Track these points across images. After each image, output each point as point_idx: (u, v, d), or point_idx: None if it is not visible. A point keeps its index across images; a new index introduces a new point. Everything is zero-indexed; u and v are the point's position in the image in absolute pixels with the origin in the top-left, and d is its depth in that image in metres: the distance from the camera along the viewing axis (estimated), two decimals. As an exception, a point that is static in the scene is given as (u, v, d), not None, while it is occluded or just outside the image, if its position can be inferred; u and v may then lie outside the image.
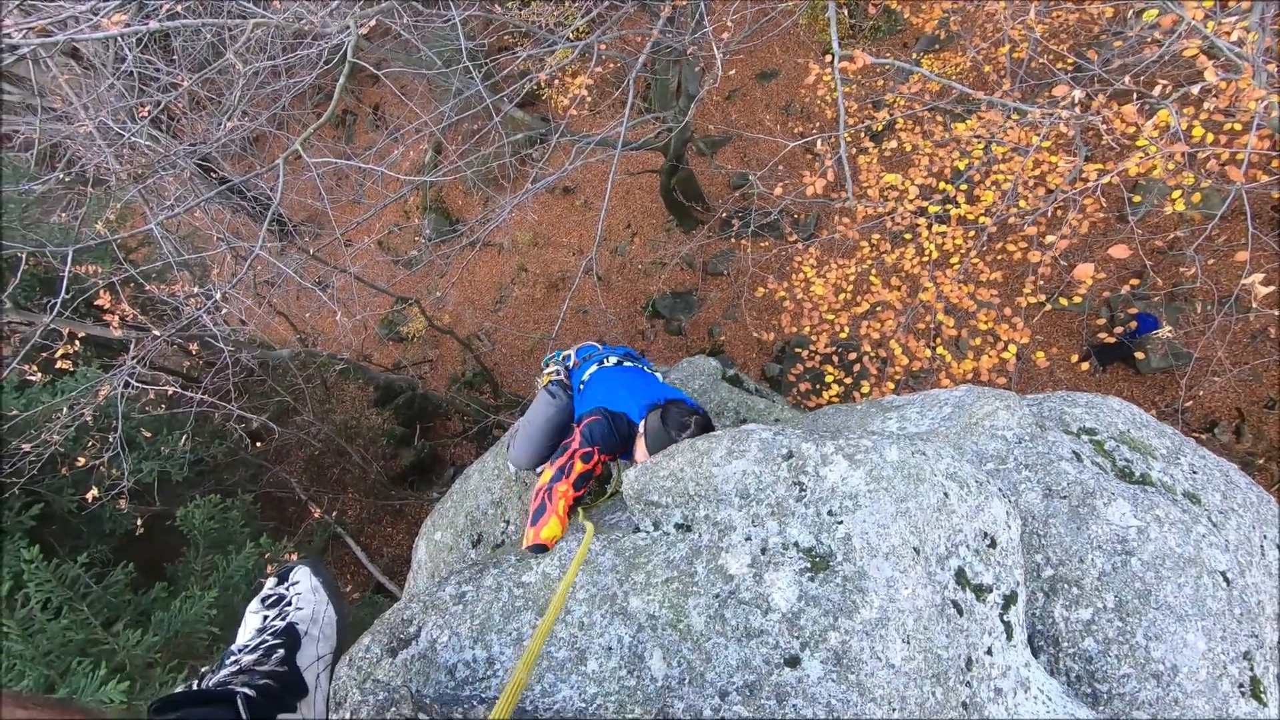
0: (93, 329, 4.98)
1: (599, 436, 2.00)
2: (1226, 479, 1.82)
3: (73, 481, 5.38)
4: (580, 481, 1.88)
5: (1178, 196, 4.79)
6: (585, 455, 1.95)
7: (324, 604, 1.11)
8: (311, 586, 1.13)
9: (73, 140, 5.93)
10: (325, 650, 1.05)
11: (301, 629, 1.03)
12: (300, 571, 1.18)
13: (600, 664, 1.23)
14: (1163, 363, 8.02)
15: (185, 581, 5.32)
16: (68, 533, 5.87)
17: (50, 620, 4.30)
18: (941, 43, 10.26)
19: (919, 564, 1.14)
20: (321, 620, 1.08)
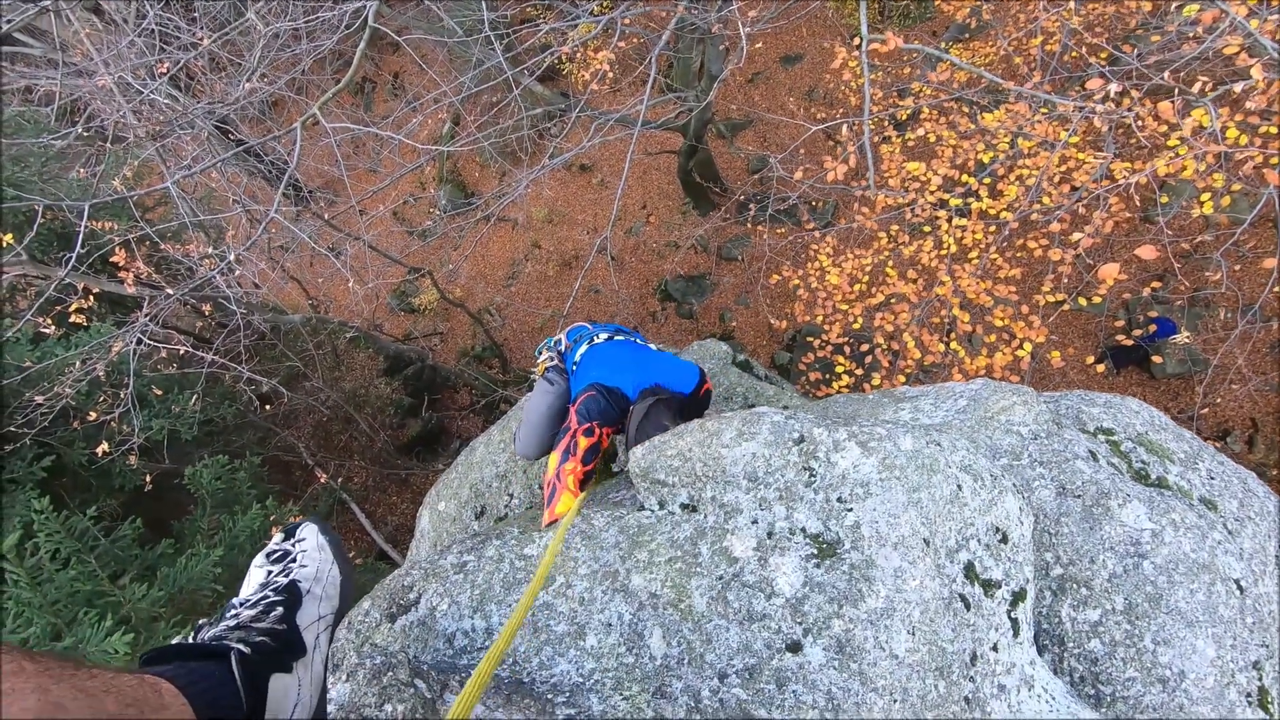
0: (107, 285, 4.99)
1: (595, 412, 1.98)
2: (1244, 486, 1.78)
3: (84, 435, 5.44)
4: (589, 455, 1.87)
5: (1207, 199, 4.69)
6: (587, 431, 1.94)
7: (329, 563, 1.10)
8: (318, 544, 1.12)
9: (93, 96, 5.92)
10: (327, 610, 1.03)
11: (304, 587, 1.02)
12: (307, 529, 1.16)
13: (599, 640, 1.22)
14: (1179, 368, 7.92)
15: (192, 539, 5.39)
16: (78, 485, 5.95)
17: (59, 570, 4.37)
18: (972, 31, 10.06)
19: (928, 556, 1.12)
20: (325, 579, 1.06)
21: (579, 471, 1.84)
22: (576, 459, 1.85)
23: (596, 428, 1.96)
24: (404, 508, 9.97)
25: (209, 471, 5.51)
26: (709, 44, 8.05)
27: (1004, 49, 7.84)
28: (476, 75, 7.51)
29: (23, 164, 6.17)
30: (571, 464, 1.84)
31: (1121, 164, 4.67)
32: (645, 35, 7.93)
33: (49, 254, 5.95)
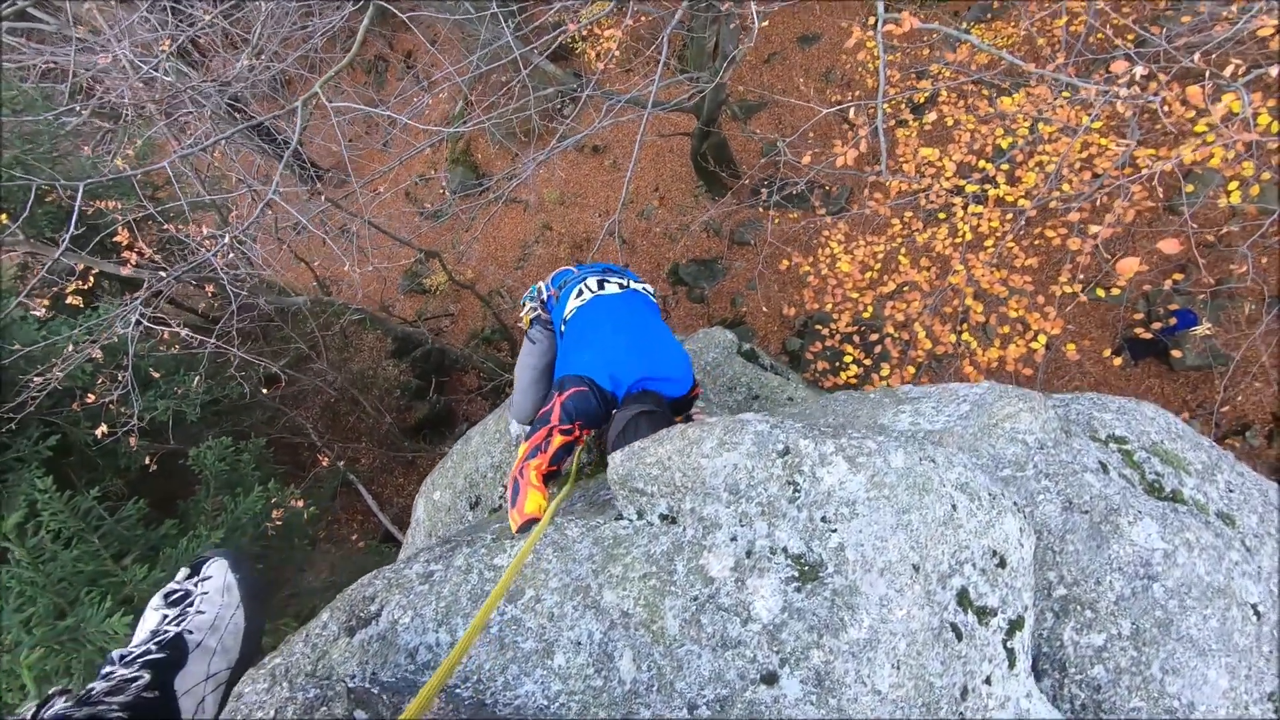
0: (105, 266, 4.97)
1: (581, 413, 1.87)
2: (1265, 500, 1.68)
3: (87, 416, 5.45)
4: (560, 455, 1.78)
5: (1234, 188, 4.51)
6: (565, 430, 1.84)
7: (233, 608, 0.99)
8: (225, 585, 1.01)
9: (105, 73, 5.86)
10: (220, 666, 0.93)
11: (195, 639, 0.91)
12: (215, 565, 1.05)
13: (568, 659, 1.15)
14: (1198, 360, 7.72)
15: (195, 520, 5.41)
16: (85, 464, 5.97)
17: (62, 550, 4.38)
18: (994, 12, 9.76)
19: (917, 582, 1.04)
20: (225, 628, 0.96)
21: (543, 470, 1.75)
22: (545, 456, 1.76)
23: (578, 428, 1.86)
24: (410, 490, 9.99)
25: (213, 453, 5.51)
26: (723, 24, 7.85)
27: (1027, 29, 7.60)
28: (486, 54, 7.38)
29: (34, 142, 6.14)
30: (539, 460, 1.76)
31: (1145, 151, 4.50)
32: (658, 14, 7.75)
33: (57, 234, 5.94)
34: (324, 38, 8.23)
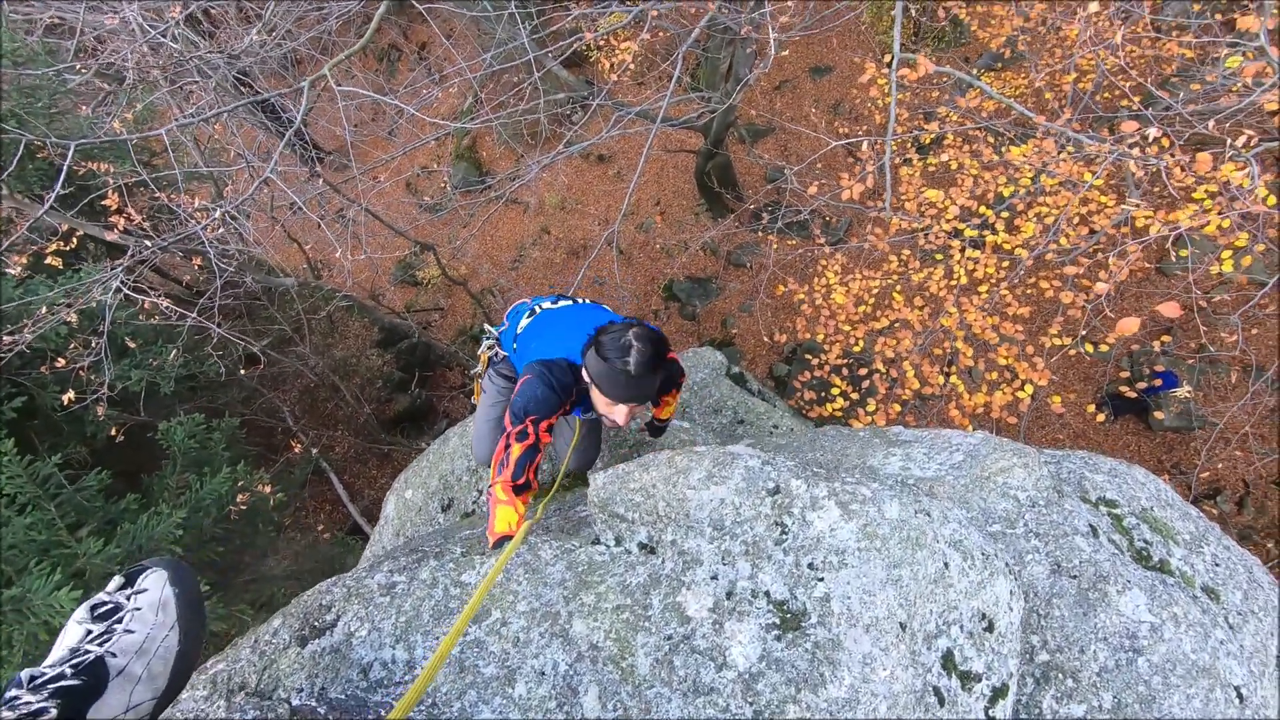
0: (91, 228, 4.85)
1: (531, 404, 1.80)
2: (1250, 576, 1.66)
3: (57, 380, 5.31)
4: (523, 461, 1.72)
5: (1227, 257, 4.56)
6: (520, 434, 1.78)
7: (167, 628, 0.86)
8: (160, 601, 0.88)
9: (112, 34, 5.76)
10: (144, 696, 0.80)
11: (117, 664, 0.79)
12: (153, 576, 0.91)
13: (529, 689, 1.09)
14: (1177, 422, 7.80)
15: (158, 496, 5.26)
16: (49, 429, 5.81)
17: (15, 515, 4.24)
18: (1005, 62, 9.88)
19: (903, 642, 0.99)
20: (155, 652, 0.83)
21: (508, 484, 1.70)
22: (508, 469, 1.71)
23: (531, 426, 1.78)
24: (383, 482, 9.85)
25: (183, 429, 5.38)
26: (739, 46, 7.89)
27: (1036, 82, 7.70)
28: (500, 53, 7.35)
29: (33, 97, 6.02)
30: (503, 476, 1.71)
31: (1141, 212, 4.54)
32: (675, 31, 7.78)
33: (45, 192, 5.81)
34: (339, 21, 8.18)
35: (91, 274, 4.90)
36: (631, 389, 1.69)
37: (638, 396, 1.72)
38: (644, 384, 1.69)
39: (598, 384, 1.74)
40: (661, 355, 1.72)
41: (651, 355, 1.68)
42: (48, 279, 5.25)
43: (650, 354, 1.68)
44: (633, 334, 1.69)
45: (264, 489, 5.52)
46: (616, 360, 1.67)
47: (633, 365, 1.65)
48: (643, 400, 1.75)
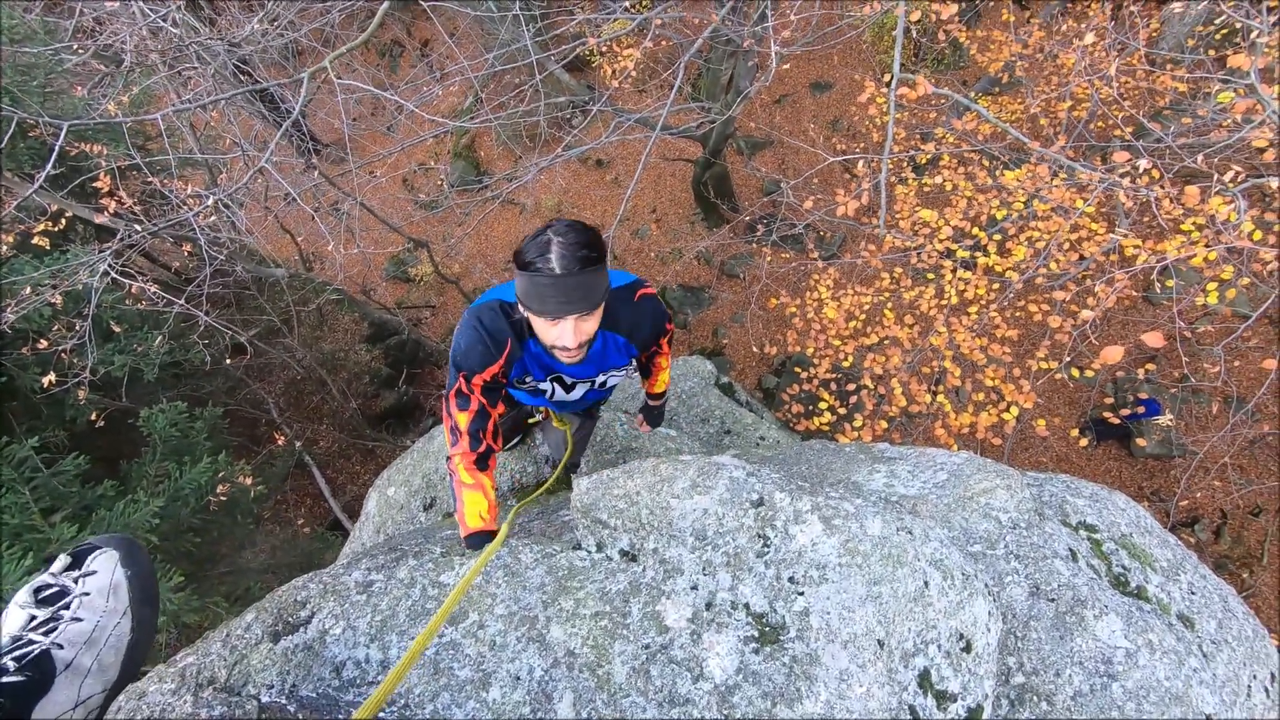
0: (80, 209, 4.80)
1: (459, 356, 1.57)
2: (1225, 605, 1.67)
3: (38, 361, 5.24)
4: (475, 429, 1.57)
5: (1213, 289, 4.63)
6: (459, 399, 1.58)
7: (118, 615, 0.81)
8: (110, 584, 0.82)
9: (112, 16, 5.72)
10: (94, 689, 0.75)
11: (63, 658, 0.73)
12: (103, 558, 0.85)
13: (504, 693, 1.08)
14: (1158, 450, 7.89)
15: (136, 484, 5.19)
16: (27, 411, 5.73)
17: (-12, 498, 4.17)
18: (1002, 86, 10.01)
19: (880, 659, 0.99)
20: (104, 642, 0.78)
21: (468, 457, 1.57)
22: (463, 440, 1.56)
23: (464, 384, 1.56)
24: (366, 478, 9.77)
25: (165, 416, 5.32)
26: (741, 59, 7.94)
27: (1032, 108, 7.80)
28: (503, 54, 7.36)
29: (28, 75, 5.96)
30: (460, 447, 1.58)
31: (1130, 241, 4.61)
32: (678, 40, 7.82)
33: (35, 171, 5.74)
34: (342, 14, 8.16)
35: (79, 256, 4.85)
36: (563, 293, 1.36)
37: (576, 302, 1.38)
38: (578, 285, 1.36)
39: (527, 304, 1.42)
40: (595, 248, 1.39)
41: (579, 245, 1.35)
42: (33, 259, 5.19)
43: (577, 243, 1.35)
44: (552, 229, 1.39)
45: (244, 480, 5.46)
46: (538, 259, 1.35)
47: (555, 260, 1.33)
48: (586, 307, 1.40)
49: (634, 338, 1.72)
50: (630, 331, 1.70)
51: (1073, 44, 5.82)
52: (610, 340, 1.70)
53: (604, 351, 1.72)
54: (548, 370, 1.75)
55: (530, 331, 1.59)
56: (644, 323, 1.71)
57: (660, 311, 1.75)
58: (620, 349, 1.74)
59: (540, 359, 1.69)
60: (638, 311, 1.68)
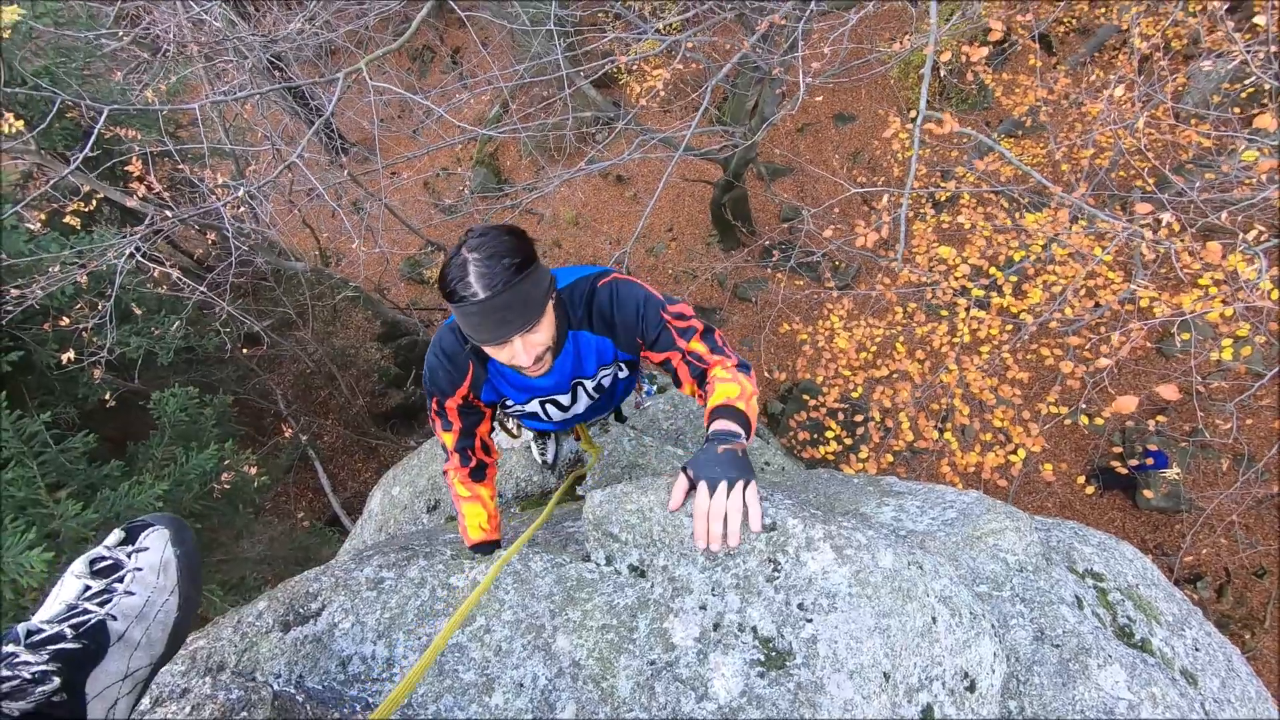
0: (112, 192, 4.88)
1: (427, 381, 1.51)
2: (1229, 665, 1.66)
3: (57, 338, 5.30)
4: (463, 447, 1.56)
5: (1228, 345, 4.61)
6: (442, 420, 1.54)
7: (167, 592, 0.82)
8: (161, 562, 0.83)
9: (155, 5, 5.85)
10: (141, 662, 0.77)
11: (116, 630, 0.75)
12: (155, 535, 0.86)
13: (506, 700, 1.09)
14: (1164, 503, 7.82)
15: (142, 466, 5.23)
16: (41, 387, 5.79)
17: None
18: (1026, 130, 10.06)
19: (885, 692, 0.99)
20: (153, 617, 0.79)
21: (460, 471, 1.58)
22: (455, 458, 1.57)
23: (436, 407, 1.54)
24: (368, 476, 9.80)
25: (176, 400, 5.36)
26: (767, 86, 8.03)
27: (1055, 154, 7.83)
28: (533, 67, 7.47)
29: (69, 57, 6.10)
30: (453, 463, 1.59)
31: (1147, 292, 4.61)
32: (706, 64, 7.92)
33: (70, 152, 5.85)
34: (378, 17, 8.31)
35: (105, 237, 4.93)
36: (494, 315, 1.20)
37: (511, 322, 1.22)
38: (508, 303, 1.20)
39: (466, 335, 1.30)
40: (518, 252, 1.21)
41: (498, 255, 1.18)
42: (59, 236, 5.28)
43: (495, 254, 1.18)
44: (465, 247, 1.21)
45: (249, 470, 5.49)
46: (458, 285, 1.19)
47: (475, 282, 1.17)
48: (524, 322, 1.24)
49: (613, 332, 1.51)
50: (605, 326, 1.50)
51: (1100, 93, 5.86)
52: (583, 340, 1.52)
53: (578, 355, 1.54)
54: (527, 391, 1.60)
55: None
56: (616, 311, 1.47)
57: (636, 295, 1.47)
58: (596, 349, 1.55)
59: (510, 379, 1.56)
60: (602, 301, 1.47)
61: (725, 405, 1.33)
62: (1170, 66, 6.36)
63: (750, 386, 1.40)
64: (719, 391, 1.37)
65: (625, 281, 1.48)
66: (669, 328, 1.47)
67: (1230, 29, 4.04)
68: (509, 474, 3.07)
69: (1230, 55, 4.48)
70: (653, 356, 1.53)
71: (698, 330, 1.48)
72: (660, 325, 1.47)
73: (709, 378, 1.45)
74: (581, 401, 1.71)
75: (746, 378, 1.42)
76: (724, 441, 1.24)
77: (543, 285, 1.27)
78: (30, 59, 5.54)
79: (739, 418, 1.31)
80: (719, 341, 1.49)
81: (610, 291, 1.47)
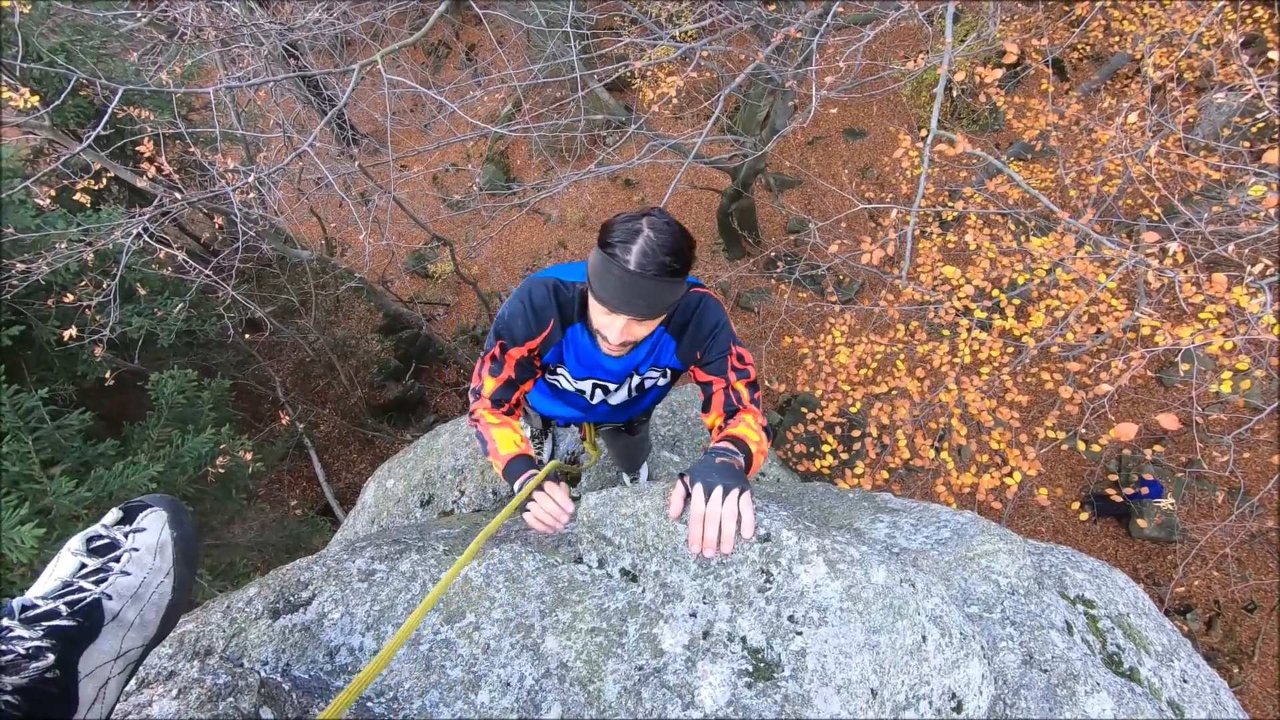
0: (122, 171, 4.89)
1: (500, 324, 1.52)
2: (1216, 698, 1.66)
3: (59, 315, 5.30)
4: (498, 398, 1.54)
5: (1228, 378, 4.62)
6: (493, 364, 1.54)
7: (163, 574, 0.82)
8: (158, 543, 0.83)
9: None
10: (134, 643, 0.76)
11: (112, 609, 0.75)
12: (153, 516, 0.86)
13: (492, 698, 1.09)
14: (1157, 533, 7.81)
15: (137, 447, 5.22)
16: (41, 362, 5.79)
17: (-9, 443, 4.20)
18: (1035, 154, 10.09)
19: (871, 709, 0.99)
20: (148, 598, 0.79)
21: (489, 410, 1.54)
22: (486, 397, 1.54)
23: (499, 351, 1.52)
24: (362, 467, 9.78)
25: (174, 382, 5.36)
26: (780, 98, 8.05)
27: (1063, 179, 7.85)
28: (547, 68, 7.50)
29: (85, 35, 6.11)
30: (483, 401, 1.56)
31: (1150, 321, 4.61)
32: (720, 73, 7.94)
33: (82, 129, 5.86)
34: (395, 11, 8.34)
35: (113, 216, 4.94)
36: (628, 291, 1.24)
37: (637, 306, 1.27)
38: (646, 290, 1.24)
39: (591, 280, 1.32)
40: (682, 258, 1.26)
41: (665, 250, 1.23)
42: (66, 213, 5.28)
43: (663, 247, 1.23)
44: (647, 220, 1.26)
45: (244, 456, 5.48)
46: (619, 246, 1.24)
47: (634, 255, 1.21)
48: (647, 313, 1.30)
49: (682, 337, 1.55)
50: (679, 329, 1.55)
51: (1111, 121, 5.88)
52: (657, 337, 1.57)
53: (650, 348, 1.59)
54: (590, 368, 1.63)
55: (578, 315, 1.51)
56: (696, 320, 1.53)
57: (719, 316, 1.55)
58: (660, 349, 1.60)
59: (579, 351, 1.58)
60: (690, 306, 1.53)
61: (738, 438, 1.42)
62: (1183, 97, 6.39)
63: (765, 445, 1.48)
64: (740, 430, 1.45)
65: (715, 301, 1.57)
66: (729, 359, 1.55)
67: (1244, 63, 4.06)
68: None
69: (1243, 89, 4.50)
70: (699, 374, 1.59)
71: (749, 376, 1.58)
72: (724, 353, 1.55)
73: (737, 418, 1.53)
74: (621, 395, 1.75)
75: (766, 438, 1.50)
76: (722, 455, 1.31)
77: (677, 296, 1.33)
78: (47, 35, 5.55)
79: (744, 450, 1.38)
80: (758, 398, 1.59)
81: (699, 301, 1.54)
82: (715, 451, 1.32)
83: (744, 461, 1.33)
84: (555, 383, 1.75)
